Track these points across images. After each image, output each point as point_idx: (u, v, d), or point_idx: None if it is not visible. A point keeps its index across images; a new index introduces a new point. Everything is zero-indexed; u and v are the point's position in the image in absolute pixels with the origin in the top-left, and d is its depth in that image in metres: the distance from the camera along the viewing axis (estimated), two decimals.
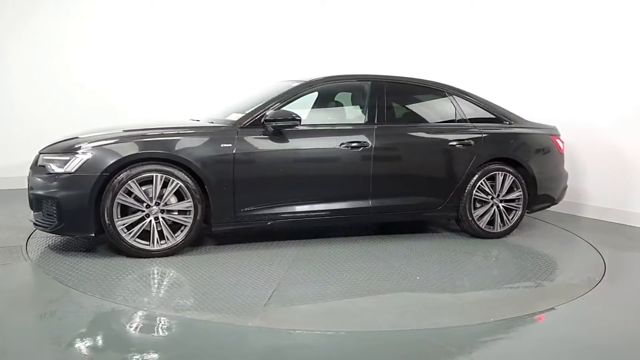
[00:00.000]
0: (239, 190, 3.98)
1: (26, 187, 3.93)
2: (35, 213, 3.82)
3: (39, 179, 3.75)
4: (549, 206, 5.19)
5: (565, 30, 6.10)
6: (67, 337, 2.55)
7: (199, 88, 7.03)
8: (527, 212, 5.03)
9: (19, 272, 3.48)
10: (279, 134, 4.10)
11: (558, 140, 5.09)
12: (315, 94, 4.70)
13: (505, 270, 3.98)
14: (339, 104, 4.82)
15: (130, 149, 3.73)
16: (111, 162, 3.66)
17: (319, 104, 4.79)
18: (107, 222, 3.66)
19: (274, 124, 4.03)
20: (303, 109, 4.52)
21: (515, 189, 4.76)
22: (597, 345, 2.79)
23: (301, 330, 2.73)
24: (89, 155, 3.67)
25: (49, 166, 3.72)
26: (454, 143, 4.60)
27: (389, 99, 4.56)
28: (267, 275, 3.52)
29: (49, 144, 3.97)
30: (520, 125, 4.98)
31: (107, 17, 6.74)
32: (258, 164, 4.07)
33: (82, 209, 3.64)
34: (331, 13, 7.60)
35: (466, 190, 4.63)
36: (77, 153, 3.69)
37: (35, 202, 3.79)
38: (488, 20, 6.99)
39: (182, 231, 3.87)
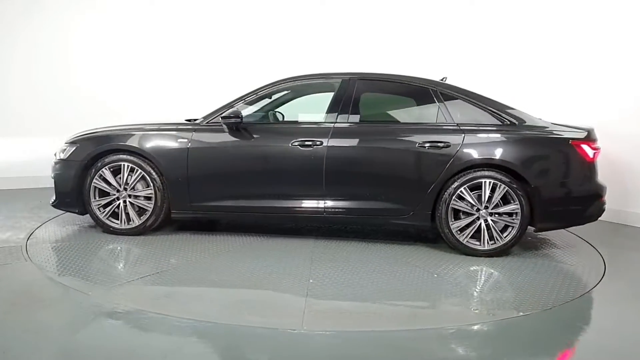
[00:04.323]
0: (192, 182, 4.34)
1: (27, 187, 4.84)
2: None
3: (53, 164, 4.70)
4: (568, 226, 4.26)
5: (587, 26, 5.77)
6: (67, 337, 2.64)
7: (201, 90, 7.12)
8: (535, 231, 4.22)
9: (19, 272, 3.50)
10: (233, 132, 4.32)
11: (584, 146, 4.10)
12: (290, 94, 4.76)
13: (423, 286, 3.45)
14: (309, 103, 4.78)
15: (102, 142, 4.44)
16: (88, 152, 4.42)
17: (285, 103, 4.82)
18: (86, 202, 4.43)
19: (223, 121, 4.28)
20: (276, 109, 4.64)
21: (511, 202, 4.06)
22: (597, 345, 2.75)
23: (119, 305, 2.97)
24: (77, 146, 4.49)
25: (58, 153, 4.65)
26: (425, 145, 4.14)
27: (356, 97, 4.35)
28: (172, 262, 3.78)
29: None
30: (525, 127, 4.19)
31: (107, 20, 6.88)
32: (210, 159, 4.35)
33: (68, 189, 4.48)
34: (331, 13, 7.37)
35: (442, 199, 4.13)
36: (72, 143, 4.54)
37: (53, 183, 4.77)
38: (490, 19, 6.68)
39: (146, 215, 4.42)
